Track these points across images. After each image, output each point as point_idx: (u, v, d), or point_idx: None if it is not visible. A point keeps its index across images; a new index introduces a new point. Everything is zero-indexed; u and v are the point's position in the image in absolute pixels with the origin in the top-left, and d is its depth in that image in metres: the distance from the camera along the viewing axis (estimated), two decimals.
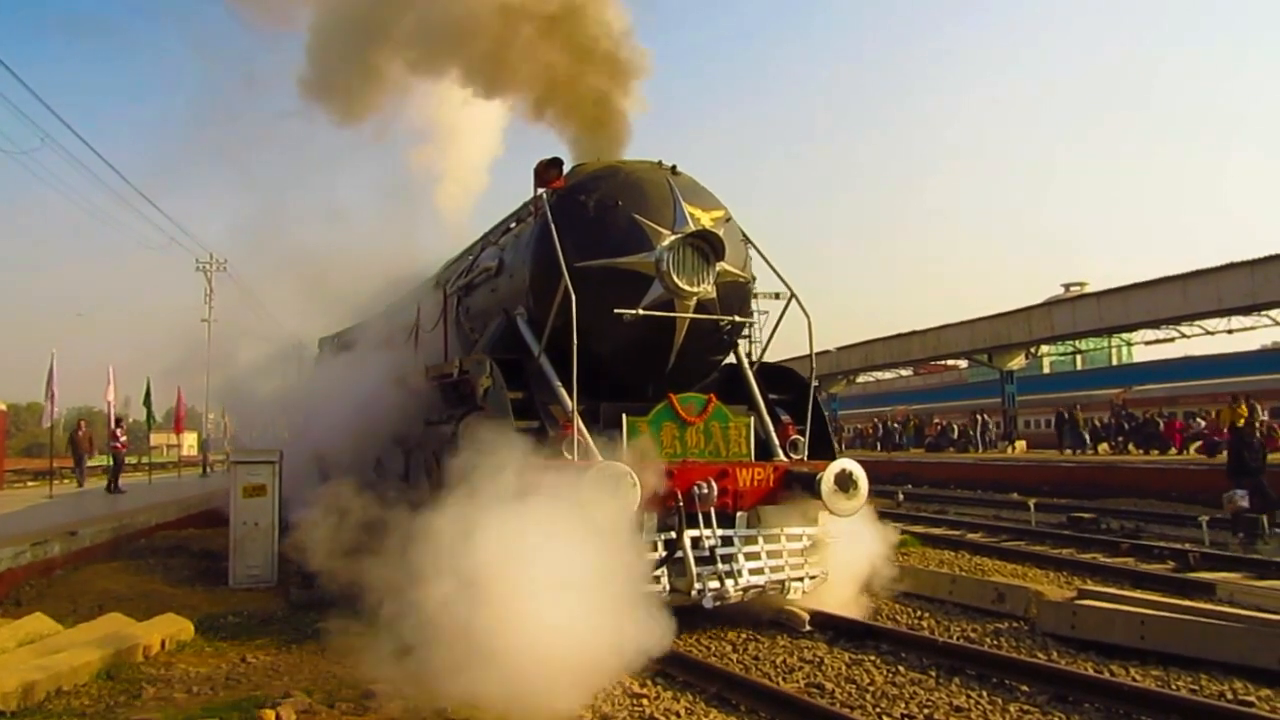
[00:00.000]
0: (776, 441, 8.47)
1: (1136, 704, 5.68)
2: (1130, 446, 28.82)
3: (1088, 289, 43.51)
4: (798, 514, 8.08)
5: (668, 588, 7.25)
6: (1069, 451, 30.48)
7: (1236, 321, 28.49)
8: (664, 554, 7.32)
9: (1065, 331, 32.69)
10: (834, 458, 8.22)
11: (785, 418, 8.81)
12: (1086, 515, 16.42)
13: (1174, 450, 27.55)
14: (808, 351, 8.92)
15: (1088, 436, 31.04)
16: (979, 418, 36.90)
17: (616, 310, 7.79)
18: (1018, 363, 36.29)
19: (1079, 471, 23.82)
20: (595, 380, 7.48)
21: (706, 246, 8.20)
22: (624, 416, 7.77)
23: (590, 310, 7.42)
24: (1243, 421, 22.48)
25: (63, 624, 7.69)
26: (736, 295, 8.69)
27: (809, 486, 7.83)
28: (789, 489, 8.00)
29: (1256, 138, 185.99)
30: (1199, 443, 27.88)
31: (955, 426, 38.60)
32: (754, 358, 9.26)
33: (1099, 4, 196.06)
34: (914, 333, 39.53)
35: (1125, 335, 35.06)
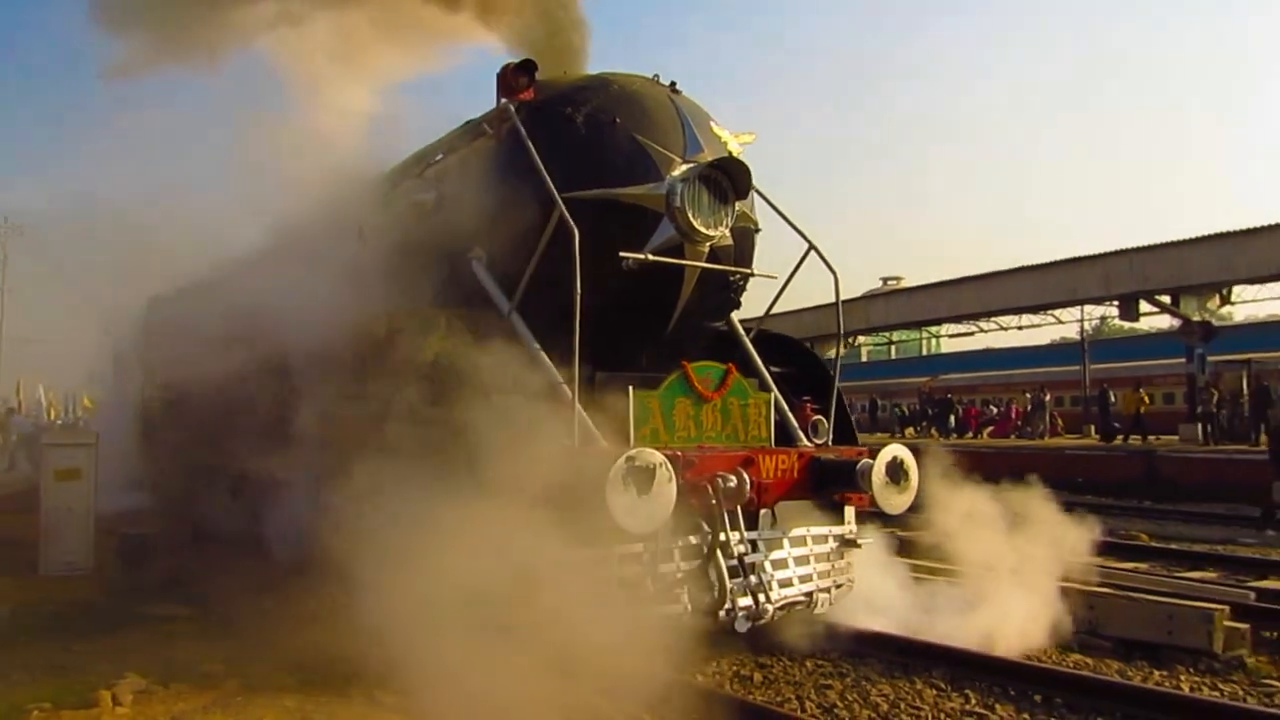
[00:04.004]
0: (795, 423, 7.12)
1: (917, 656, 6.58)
2: (932, 430, 31.54)
3: (904, 284, 46.83)
4: (818, 510, 6.80)
5: (688, 607, 5.82)
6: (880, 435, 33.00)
7: (1027, 319, 31.67)
8: (690, 563, 5.90)
9: (880, 323, 35.01)
10: (856, 443, 7.26)
11: (804, 396, 7.43)
12: None
13: (970, 434, 30.45)
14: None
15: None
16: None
17: (622, 254, 6.21)
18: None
19: None
20: (579, 345, 5.81)
21: (726, 180, 6.59)
22: (630, 390, 6.09)
23: (583, 254, 5.73)
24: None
25: None
26: (746, 245, 7.13)
27: (844, 478, 6.57)
28: (815, 480, 6.63)
29: None
30: (990, 427, 30.84)
31: None
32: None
33: None
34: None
35: (933, 328, 38.05)
